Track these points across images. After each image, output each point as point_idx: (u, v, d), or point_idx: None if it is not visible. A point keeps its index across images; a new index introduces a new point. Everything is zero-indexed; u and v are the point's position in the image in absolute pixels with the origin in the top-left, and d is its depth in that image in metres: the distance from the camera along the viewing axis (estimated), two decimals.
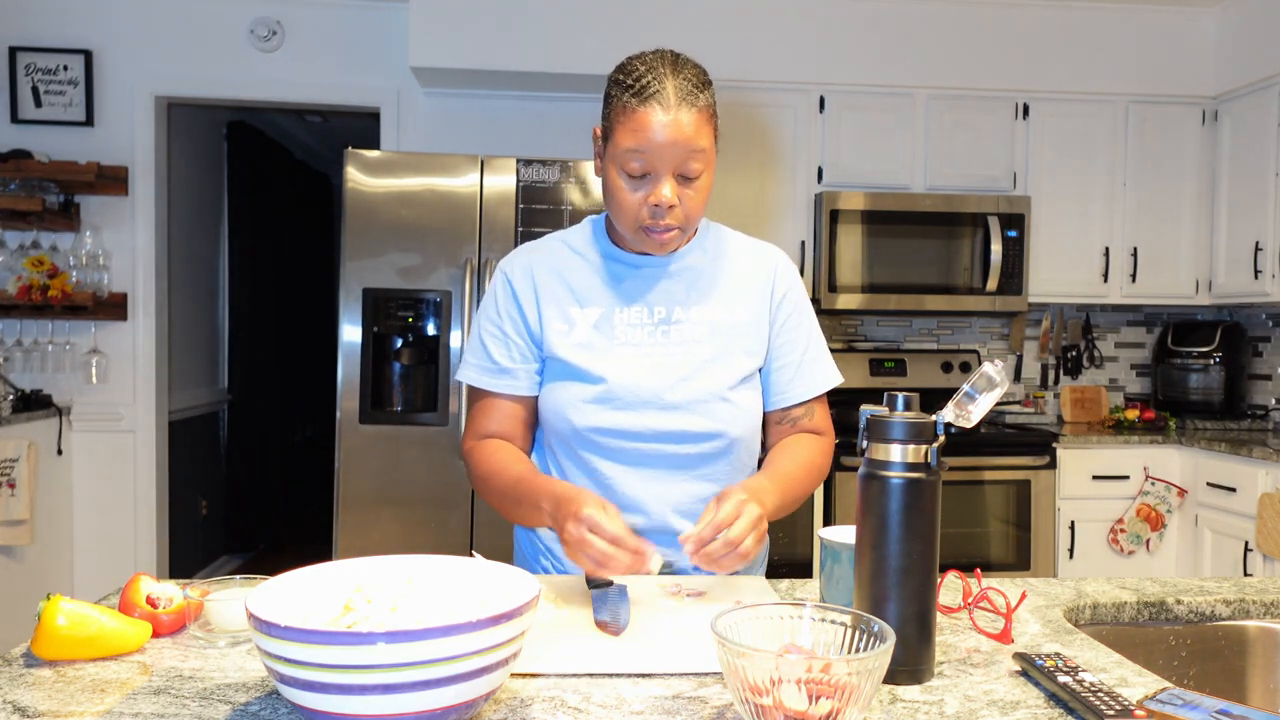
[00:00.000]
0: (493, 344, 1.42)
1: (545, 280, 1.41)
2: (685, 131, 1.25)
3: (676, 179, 1.28)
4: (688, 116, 1.25)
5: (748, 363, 1.40)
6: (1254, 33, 3.75)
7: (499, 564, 0.94)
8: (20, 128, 3.78)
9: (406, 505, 3.11)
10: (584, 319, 1.39)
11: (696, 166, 1.28)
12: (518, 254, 1.45)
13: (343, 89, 3.96)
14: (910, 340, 4.21)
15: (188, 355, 4.53)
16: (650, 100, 1.24)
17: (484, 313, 1.45)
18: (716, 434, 1.37)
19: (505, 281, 1.43)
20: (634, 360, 1.36)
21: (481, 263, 3.13)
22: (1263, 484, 3.24)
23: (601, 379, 1.35)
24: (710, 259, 1.43)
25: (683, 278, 1.41)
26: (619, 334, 1.38)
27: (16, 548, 3.45)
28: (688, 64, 1.30)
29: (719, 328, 1.40)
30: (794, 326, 1.45)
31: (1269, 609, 1.29)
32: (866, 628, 0.85)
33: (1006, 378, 1.01)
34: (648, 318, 1.39)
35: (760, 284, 1.44)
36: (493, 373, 1.42)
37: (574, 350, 1.37)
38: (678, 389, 1.36)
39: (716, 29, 3.73)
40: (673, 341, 1.38)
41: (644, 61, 1.28)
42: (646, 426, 1.35)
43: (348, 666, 0.73)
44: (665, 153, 1.25)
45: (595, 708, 0.88)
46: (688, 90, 1.26)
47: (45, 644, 0.96)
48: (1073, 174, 3.92)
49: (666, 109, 1.24)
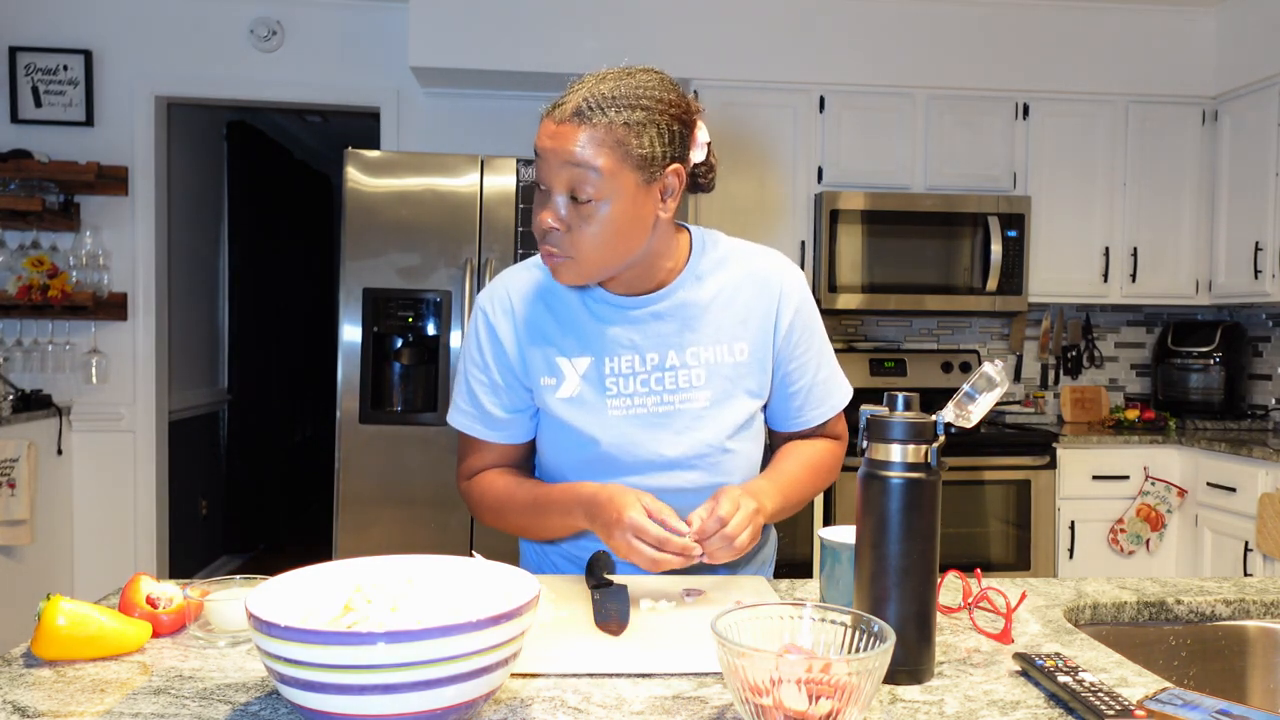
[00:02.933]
0: (482, 392, 1.34)
1: (526, 322, 1.32)
2: (568, 145, 1.14)
3: (571, 200, 1.17)
4: (580, 133, 1.14)
5: (749, 404, 1.33)
6: (1254, 33, 3.75)
7: (499, 564, 0.94)
8: (20, 128, 3.78)
9: (406, 505, 3.11)
10: (571, 370, 1.30)
11: (588, 190, 1.15)
12: (496, 288, 1.35)
13: (343, 89, 3.96)
14: (910, 340, 4.21)
15: (188, 355, 4.53)
16: (551, 109, 1.17)
17: (469, 356, 1.36)
18: (717, 486, 1.29)
19: (487, 324, 1.33)
20: (628, 416, 1.29)
21: (481, 263, 3.13)
22: (1263, 484, 3.24)
23: (595, 441, 1.29)
24: (706, 291, 1.31)
25: (675, 317, 1.30)
26: (610, 386, 1.29)
27: (16, 548, 3.45)
28: (627, 78, 1.18)
29: (718, 369, 1.31)
30: (804, 350, 1.36)
31: (1269, 609, 1.29)
32: (866, 628, 0.85)
33: (1006, 378, 1.01)
34: (639, 365, 1.29)
35: (763, 313, 1.33)
36: (485, 423, 1.35)
37: (564, 407, 1.30)
38: (676, 444, 1.30)
39: (716, 29, 3.73)
40: (667, 389, 1.30)
41: (593, 73, 1.21)
42: (645, 487, 1.28)
43: (348, 666, 0.73)
44: (551, 165, 1.16)
45: (595, 708, 0.88)
46: (595, 104, 1.14)
47: (45, 644, 0.96)
48: (1073, 174, 3.92)
49: (556, 121, 1.16)
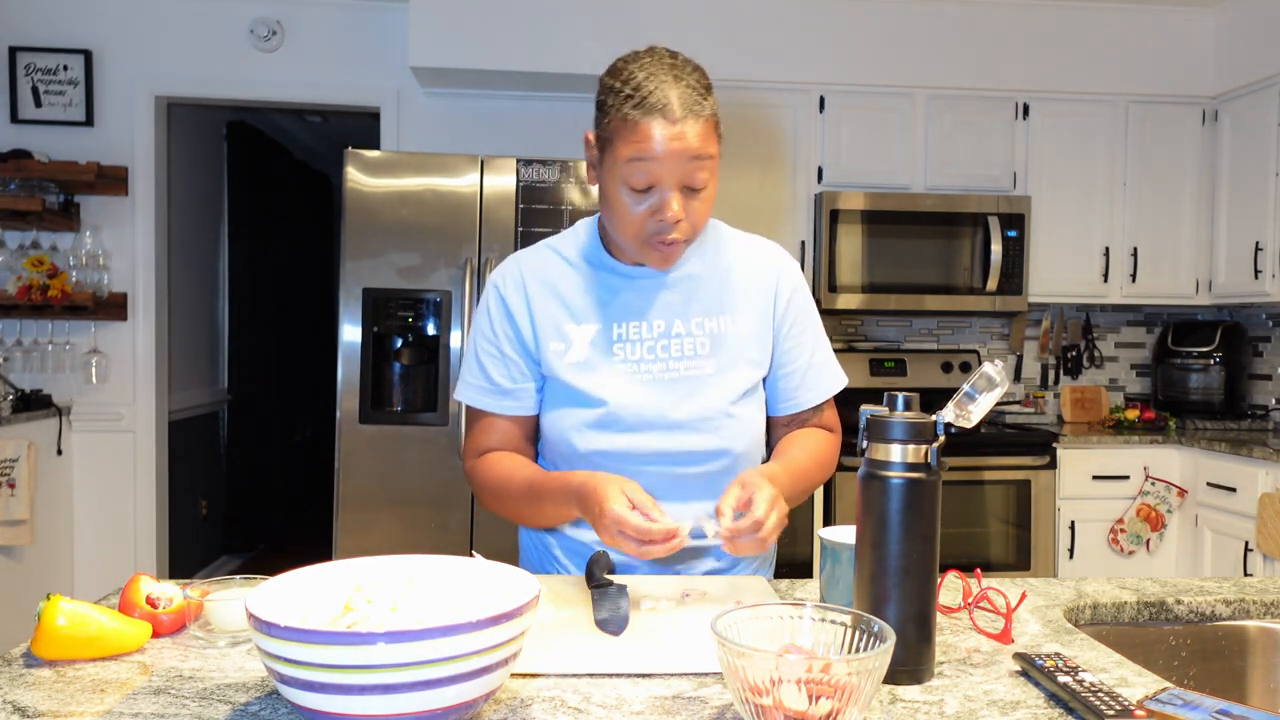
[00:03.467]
0: (491, 364, 1.38)
1: (538, 293, 1.36)
2: (691, 143, 1.19)
3: (682, 190, 1.22)
4: (694, 128, 1.19)
5: (751, 374, 1.37)
6: (1254, 33, 3.75)
7: (499, 564, 0.94)
8: (20, 128, 3.78)
9: (406, 505, 3.11)
10: (580, 336, 1.34)
11: (703, 176, 1.22)
12: (508, 265, 1.40)
13: (343, 89, 3.96)
14: (910, 340, 4.21)
15: (188, 355, 4.53)
16: (654, 112, 1.18)
17: (479, 330, 1.40)
18: (721, 451, 1.35)
19: (498, 297, 1.38)
20: (634, 379, 1.33)
21: (481, 263, 3.13)
22: (1263, 484, 3.24)
23: (602, 401, 1.31)
24: (709, 266, 1.38)
25: (681, 288, 1.36)
26: (617, 351, 1.33)
27: (16, 548, 3.45)
28: (688, 67, 1.23)
29: (721, 339, 1.35)
30: (800, 331, 1.41)
31: (1269, 609, 1.29)
32: (866, 628, 0.85)
33: (1006, 378, 1.01)
34: (647, 333, 1.34)
35: (763, 290, 1.39)
36: (493, 394, 1.38)
37: (572, 371, 1.33)
38: (680, 407, 1.33)
39: (716, 29, 3.74)
40: (673, 357, 1.34)
41: (642, 67, 1.21)
42: (650, 448, 1.32)
43: (348, 667, 0.73)
44: (671, 165, 1.19)
45: (595, 708, 0.88)
46: (692, 100, 1.19)
47: (45, 644, 0.96)
48: (1073, 174, 3.92)
49: (671, 121, 1.18)
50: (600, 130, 1.26)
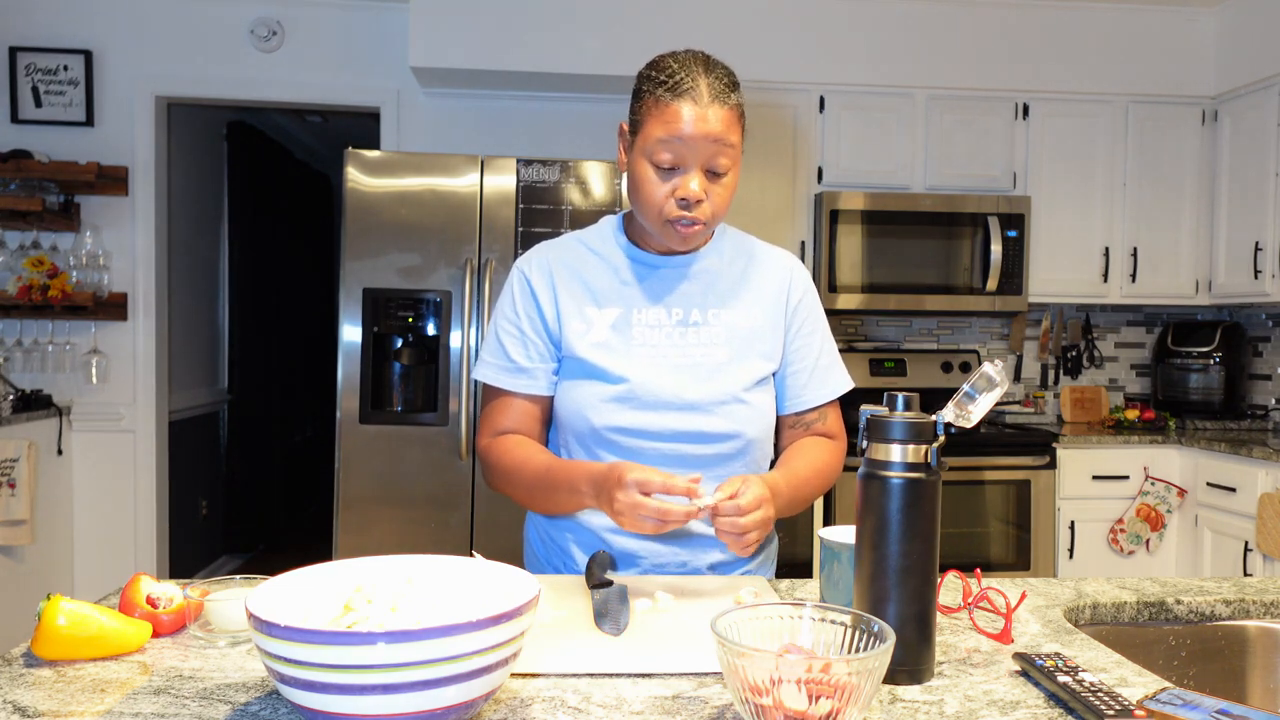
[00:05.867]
0: (510, 343, 1.42)
1: (563, 278, 1.42)
2: (715, 127, 1.27)
3: (705, 174, 1.30)
4: (718, 113, 1.28)
5: (763, 366, 1.42)
6: (1253, 33, 3.75)
7: (499, 564, 0.94)
8: (20, 128, 3.78)
9: (406, 505, 3.11)
10: (602, 319, 1.39)
11: (725, 162, 1.30)
12: (535, 252, 1.46)
13: (343, 89, 3.96)
14: (910, 340, 4.21)
15: (188, 355, 4.53)
16: (684, 94, 1.27)
17: (500, 311, 1.45)
18: (734, 434, 1.38)
19: (523, 279, 1.43)
20: (653, 361, 1.37)
21: (482, 263, 3.13)
22: (1263, 484, 3.24)
23: (623, 379, 1.36)
24: (727, 263, 1.45)
25: (701, 280, 1.42)
26: (637, 334, 1.39)
27: (16, 548, 3.45)
28: (718, 65, 1.33)
29: (736, 331, 1.41)
30: (809, 332, 1.47)
31: (1269, 609, 1.29)
32: (866, 628, 0.85)
33: (1006, 378, 1.01)
34: (666, 319, 1.40)
35: (776, 290, 1.45)
36: (510, 372, 1.42)
37: (593, 349, 1.38)
38: (696, 389, 1.37)
39: (716, 29, 3.73)
40: (690, 343, 1.39)
41: (677, 59, 1.31)
42: (665, 426, 1.36)
43: (348, 666, 0.73)
44: (696, 145, 1.28)
45: (595, 708, 0.88)
46: (720, 89, 1.29)
47: (45, 644, 0.96)
48: (1072, 174, 3.92)
49: (699, 103, 1.27)
50: (634, 115, 1.35)
